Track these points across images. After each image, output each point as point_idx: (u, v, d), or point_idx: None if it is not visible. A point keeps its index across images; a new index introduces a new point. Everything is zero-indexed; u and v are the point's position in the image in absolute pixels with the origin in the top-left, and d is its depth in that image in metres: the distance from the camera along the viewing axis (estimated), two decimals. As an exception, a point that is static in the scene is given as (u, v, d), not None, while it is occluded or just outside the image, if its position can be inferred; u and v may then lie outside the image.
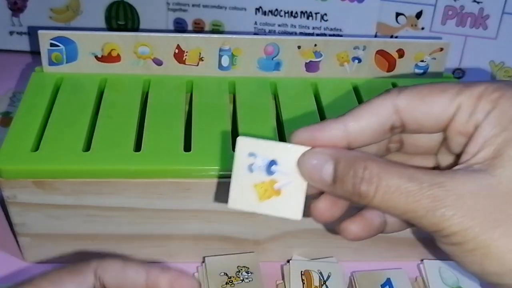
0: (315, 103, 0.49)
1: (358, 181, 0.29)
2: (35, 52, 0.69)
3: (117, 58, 0.50)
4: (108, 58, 0.50)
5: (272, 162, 0.31)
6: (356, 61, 0.52)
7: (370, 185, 0.28)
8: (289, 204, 0.31)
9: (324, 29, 0.65)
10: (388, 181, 0.28)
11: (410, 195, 0.28)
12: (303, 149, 0.31)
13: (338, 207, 0.32)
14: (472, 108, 0.29)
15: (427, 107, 0.30)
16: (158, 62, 0.51)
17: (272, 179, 0.31)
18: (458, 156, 0.31)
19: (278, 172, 0.31)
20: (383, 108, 0.30)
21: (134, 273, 0.31)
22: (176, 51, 0.50)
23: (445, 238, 0.28)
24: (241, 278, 0.44)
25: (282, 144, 0.31)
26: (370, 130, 0.31)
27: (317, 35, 0.65)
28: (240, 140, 0.31)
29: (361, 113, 0.31)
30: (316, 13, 0.65)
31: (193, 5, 0.66)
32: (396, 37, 0.65)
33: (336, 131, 0.30)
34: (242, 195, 0.32)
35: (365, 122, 0.30)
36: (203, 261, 0.46)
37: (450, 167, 0.30)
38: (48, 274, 0.31)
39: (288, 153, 0.31)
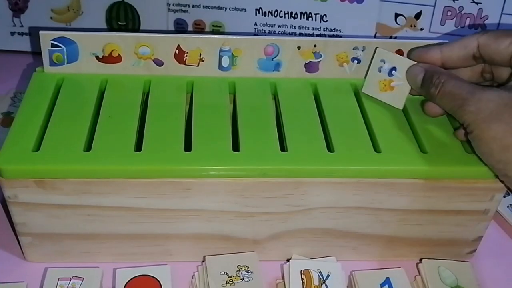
0: (314, 103, 0.49)
1: (430, 86, 0.44)
2: (36, 53, 0.69)
3: (118, 59, 0.50)
4: (108, 58, 0.50)
5: (393, 68, 0.48)
6: (356, 61, 0.52)
7: (436, 88, 0.44)
8: (397, 97, 0.48)
9: (324, 29, 0.65)
10: (446, 88, 0.43)
11: (455, 98, 0.42)
12: (412, 63, 0.47)
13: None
14: None
15: (496, 45, 0.44)
16: (159, 63, 0.51)
17: (391, 79, 0.48)
18: None
19: (395, 76, 0.48)
20: (469, 42, 0.45)
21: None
22: (177, 51, 0.50)
23: (466, 127, 0.42)
24: (241, 277, 0.44)
25: (402, 58, 0.48)
26: (457, 56, 0.46)
27: (317, 35, 0.66)
28: (378, 50, 0.49)
29: (453, 43, 0.46)
30: (315, 14, 0.65)
31: (193, 6, 0.66)
32: (396, 37, 0.65)
33: (434, 53, 0.46)
34: (370, 85, 0.50)
35: (454, 50, 0.46)
36: (203, 261, 0.46)
37: None
38: None
39: (404, 64, 0.47)
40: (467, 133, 0.43)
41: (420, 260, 0.48)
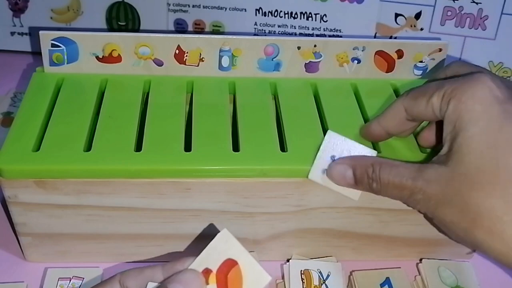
0: (314, 103, 0.49)
1: (369, 181, 0.40)
2: (36, 53, 0.69)
3: (118, 59, 0.50)
4: (108, 58, 0.50)
5: (333, 157, 0.42)
6: (356, 61, 0.52)
7: (377, 183, 0.40)
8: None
9: (324, 29, 0.65)
10: (384, 179, 0.39)
11: (399, 188, 0.39)
12: (366, 149, 0.42)
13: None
14: (438, 109, 0.39)
15: (417, 107, 0.41)
16: (159, 63, 0.51)
17: None
18: None
19: None
20: (397, 109, 0.42)
21: (150, 271, 0.35)
22: (177, 51, 0.50)
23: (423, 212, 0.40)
24: (241, 278, 0.44)
25: (354, 143, 0.42)
26: (394, 124, 0.43)
27: (317, 35, 0.66)
28: (329, 133, 0.43)
29: (386, 113, 0.43)
30: (315, 14, 0.65)
31: (193, 6, 0.66)
32: (395, 37, 0.65)
33: (375, 127, 0.44)
34: (319, 172, 0.42)
35: (388, 120, 0.43)
36: (203, 261, 0.46)
37: None
38: None
39: (358, 150, 0.42)
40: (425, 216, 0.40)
41: (420, 260, 0.48)
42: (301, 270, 0.45)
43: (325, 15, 0.65)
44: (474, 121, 0.37)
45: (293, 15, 0.65)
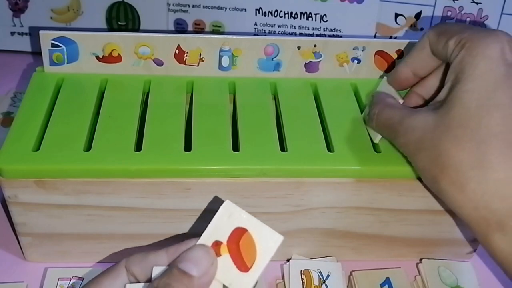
0: (314, 103, 0.49)
1: (369, 119, 0.45)
2: (36, 53, 0.69)
3: (118, 59, 0.50)
4: (109, 58, 0.50)
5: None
6: (356, 61, 0.52)
7: (372, 121, 0.44)
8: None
9: (324, 29, 0.65)
10: (380, 119, 0.43)
11: (389, 128, 0.42)
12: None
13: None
14: (451, 53, 0.40)
15: (437, 45, 0.41)
16: (159, 63, 0.51)
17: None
18: None
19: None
20: (423, 41, 0.42)
21: (154, 257, 0.35)
22: (177, 51, 0.50)
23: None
24: (241, 277, 0.44)
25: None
26: (421, 59, 0.43)
27: (317, 35, 0.66)
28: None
29: (413, 50, 0.44)
30: (315, 14, 0.65)
31: (193, 6, 0.66)
32: (395, 37, 0.65)
33: (403, 69, 0.44)
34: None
35: (415, 55, 0.43)
36: (203, 261, 0.46)
37: None
38: (88, 283, 0.35)
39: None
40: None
41: (420, 260, 0.48)
42: (301, 270, 0.45)
43: (325, 15, 0.65)
44: (473, 77, 0.37)
45: (293, 15, 0.65)
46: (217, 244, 0.34)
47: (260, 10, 0.65)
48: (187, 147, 0.44)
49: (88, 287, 0.35)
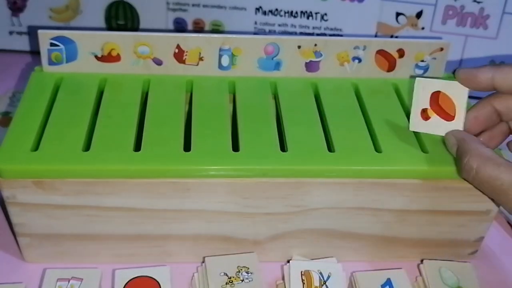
0: (315, 103, 0.49)
1: (462, 169, 0.41)
2: (34, 52, 0.69)
3: (117, 58, 0.50)
4: (108, 57, 0.50)
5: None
6: (356, 61, 0.51)
7: (469, 175, 0.40)
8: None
9: (324, 29, 0.65)
10: (481, 177, 0.39)
11: (494, 189, 0.39)
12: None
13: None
14: None
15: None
16: (158, 62, 0.51)
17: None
18: None
19: None
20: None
21: None
22: (176, 50, 0.50)
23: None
24: (241, 278, 0.44)
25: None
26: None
27: (317, 34, 0.65)
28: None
29: (507, 68, 0.42)
30: (316, 13, 0.65)
31: (193, 5, 0.66)
32: (396, 37, 0.65)
33: (485, 75, 0.42)
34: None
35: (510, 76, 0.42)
36: (203, 261, 0.46)
37: None
38: None
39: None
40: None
41: (421, 261, 0.48)
42: (301, 271, 0.45)
43: (325, 14, 0.64)
44: None
45: (293, 14, 0.65)
46: (424, 111, 0.44)
47: (260, 9, 0.65)
48: (187, 147, 0.44)
49: None
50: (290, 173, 0.43)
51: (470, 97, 0.43)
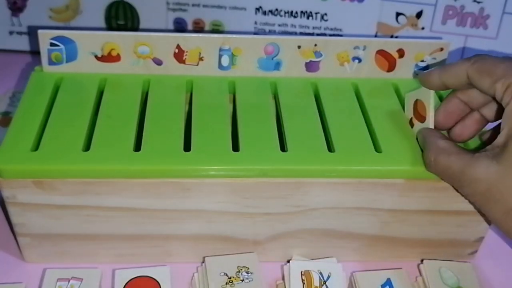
0: (315, 103, 0.49)
1: (425, 162, 0.43)
2: (34, 52, 0.69)
3: (117, 58, 0.50)
4: (108, 57, 0.50)
5: None
6: (356, 61, 0.51)
7: (430, 167, 0.42)
8: None
9: (324, 29, 0.65)
10: (438, 167, 0.41)
11: (450, 178, 0.41)
12: None
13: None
14: (500, 97, 0.39)
15: (480, 83, 0.40)
16: (158, 62, 0.51)
17: None
18: None
19: None
20: (460, 71, 0.42)
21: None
22: (176, 50, 0.50)
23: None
24: (241, 278, 0.44)
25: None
26: (453, 82, 0.43)
27: (317, 35, 0.65)
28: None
29: (449, 69, 0.43)
30: (316, 13, 0.65)
31: (193, 5, 0.66)
32: (397, 37, 0.65)
33: (434, 79, 0.43)
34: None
35: (450, 78, 0.42)
36: (203, 261, 0.46)
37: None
38: None
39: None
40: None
41: (421, 261, 0.48)
42: (301, 271, 0.45)
43: (325, 14, 0.64)
44: None
45: (293, 14, 0.65)
46: (410, 121, 0.47)
47: (260, 9, 0.65)
48: (187, 147, 0.44)
49: None
50: (290, 173, 0.43)
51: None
